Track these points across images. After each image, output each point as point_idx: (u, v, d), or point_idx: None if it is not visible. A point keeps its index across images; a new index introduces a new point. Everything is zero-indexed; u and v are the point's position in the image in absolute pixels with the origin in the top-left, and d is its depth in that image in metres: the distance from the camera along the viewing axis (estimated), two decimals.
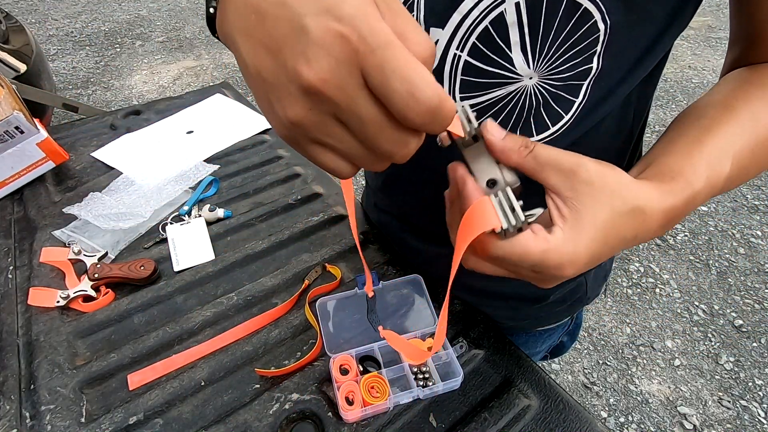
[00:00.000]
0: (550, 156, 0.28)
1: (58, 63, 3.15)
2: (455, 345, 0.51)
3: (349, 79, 0.21)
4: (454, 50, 0.41)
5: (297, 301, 0.56)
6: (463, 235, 0.28)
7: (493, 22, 0.38)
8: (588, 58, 0.39)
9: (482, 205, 0.27)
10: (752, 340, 1.59)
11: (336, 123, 0.23)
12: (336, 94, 0.22)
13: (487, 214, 0.27)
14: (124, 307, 0.56)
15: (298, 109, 0.23)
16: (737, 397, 1.44)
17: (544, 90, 0.41)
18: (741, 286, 1.76)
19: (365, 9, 0.21)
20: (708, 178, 0.32)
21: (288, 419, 0.45)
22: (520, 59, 0.40)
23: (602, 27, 0.37)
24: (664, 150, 0.35)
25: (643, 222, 0.29)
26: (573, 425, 0.44)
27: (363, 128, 0.23)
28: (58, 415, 0.45)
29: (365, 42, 0.21)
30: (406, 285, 0.55)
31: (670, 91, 2.89)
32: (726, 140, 0.34)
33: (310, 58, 0.21)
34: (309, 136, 0.25)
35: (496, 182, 0.29)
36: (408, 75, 0.21)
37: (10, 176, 0.72)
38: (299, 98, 0.23)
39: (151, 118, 0.91)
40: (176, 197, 0.72)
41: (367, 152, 0.24)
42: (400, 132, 0.23)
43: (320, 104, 0.23)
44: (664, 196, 0.30)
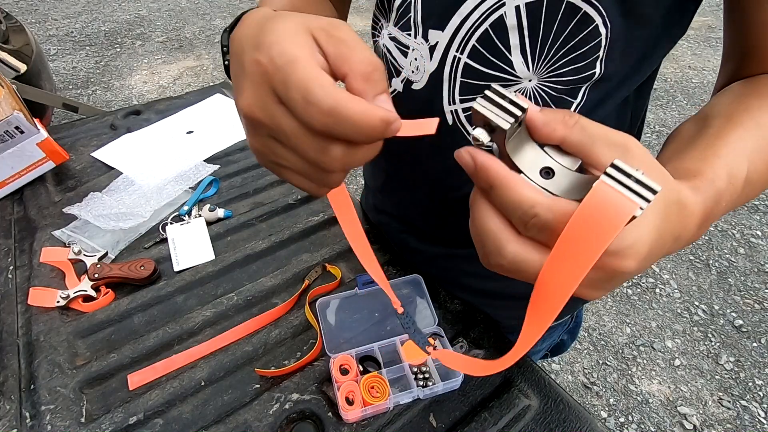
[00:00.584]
0: (599, 129, 0.24)
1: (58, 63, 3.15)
2: (455, 345, 0.51)
3: (266, 99, 0.24)
4: (454, 52, 0.41)
5: (297, 301, 0.56)
6: (582, 243, 0.21)
7: (493, 25, 0.39)
8: (591, 63, 0.39)
9: (601, 193, 0.21)
10: (752, 340, 1.59)
11: (276, 143, 0.26)
12: (260, 115, 0.25)
13: (614, 200, 0.20)
14: (124, 307, 0.56)
15: (251, 138, 0.28)
16: (737, 397, 1.44)
17: (544, 92, 0.41)
18: (741, 286, 1.76)
19: (283, 36, 0.24)
20: (729, 177, 0.30)
21: (288, 419, 0.45)
22: (520, 62, 0.40)
23: (603, 31, 0.37)
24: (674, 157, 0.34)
25: (686, 218, 0.27)
26: (573, 425, 0.44)
27: (289, 141, 0.25)
28: (58, 415, 0.45)
29: (273, 63, 0.24)
30: (406, 285, 0.55)
31: (670, 91, 2.89)
32: (737, 144, 0.32)
33: (243, 89, 0.25)
34: (269, 160, 0.28)
35: (552, 171, 0.24)
36: (303, 83, 0.23)
37: (10, 176, 0.72)
38: (248, 128, 0.27)
39: (151, 118, 0.91)
40: (176, 197, 0.72)
41: (309, 166, 0.26)
42: (317, 139, 0.24)
43: (258, 128, 0.26)
44: (696, 194, 0.28)
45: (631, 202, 0.20)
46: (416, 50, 0.44)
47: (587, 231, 0.21)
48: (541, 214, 0.22)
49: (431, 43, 0.42)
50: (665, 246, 0.25)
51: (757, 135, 0.33)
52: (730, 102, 0.37)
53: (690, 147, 0.33)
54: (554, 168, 0.24)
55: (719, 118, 0.35)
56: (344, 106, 0.23)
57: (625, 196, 0.20)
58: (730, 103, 0.37)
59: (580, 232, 0.21)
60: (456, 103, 0.44)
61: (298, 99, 0.23)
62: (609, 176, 0.21)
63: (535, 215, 0.22)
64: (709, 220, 0.29)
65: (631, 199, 0.20)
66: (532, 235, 0.23)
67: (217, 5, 4.06)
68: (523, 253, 0.23)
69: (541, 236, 0.23)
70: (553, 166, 0.24)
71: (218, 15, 3.89)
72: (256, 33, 0.26)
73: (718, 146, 0.32)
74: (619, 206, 0.20)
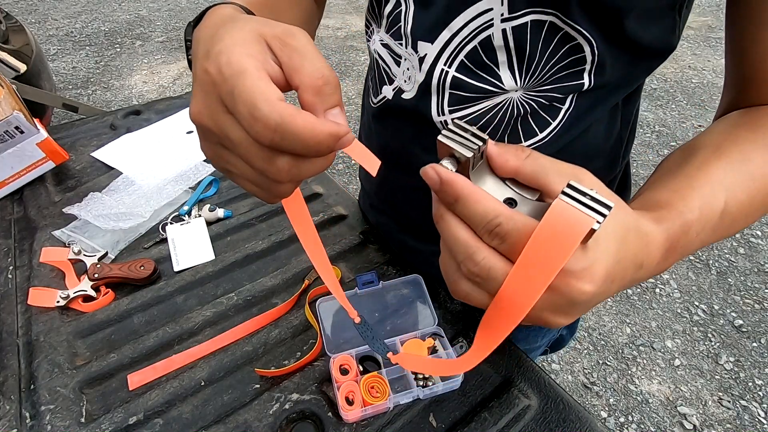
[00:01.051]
0: (550, 161, 0.26)
1: (58, 63, 3.15)
2: (455, 345, 0.51)
3: (214, 107, 0.25)
4: (442, 65, 0.41)
5: (297, 301, 0.56)
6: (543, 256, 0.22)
7: (481, 43, 0.39)
8: (578, 76, 0.39)
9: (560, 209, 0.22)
10: (752, 340, 1.59)
11: (226, 150, 0.27)
12: (209, 123, 0.25)
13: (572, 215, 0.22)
14: (124, 307, 0.56)
15: (202, 144, 0.28)
16: (737, 397, 1.44)
17: (531, 100, 0.41)
18: (741, 286, 1.76)
19: (232, 45, 0.24)
20: (701, 210, 0.30)
21: (288, 419, 0.45)
22: (508, 77, 0.40)
23: (589, 51, 0.37)
24: (650, 187, 0.34)
25: (647, 245, 0.27)
26: (573, 425, 0.44)
27: (237, 149, 0.25)
28: (58, 415, 0.45)
29: (220, 73, 0.24)
30: (406, 285, 0.55)
31: (670, 91, 2.89)
32: (717, 176, 0.33)
33: (194, 95, 0.26)
34: (221, 166, 0.28)
35: (513, 201, 0.26)
36: (249, 98, 0.23)
37: (10, 176, 0.72)
38: (199, 134, 0.28)
39: (151, 118, 0.91)
40: (176, 197, 0.72)
41: (258, 175, 0.26)
42: (264, 151, 0.25)
43: (208, 135, 0.27)
44: (658, 223, 0.28)
45: (587, 216, 0.22)
46: (408, 60, 0.44)
47: (548, 245, 0.22)
48: (504, 224, 0.23)
49: (420, 54, 0.42)
50: (626, 272, 0.26)
51: (742, 169, 0.33)
52: (721, 132, 0.37)
53: (667, 178, 0.34)
54: (516, 198, 0.26)
55: (706, 149, 0.35)
56: (290, 122, 0.23)
57: (581, 211, 0.22)
58: (720, 133, 0.37)
59: (542, 245, 0.22)
60: (445, 114, 0.44)
61: (244, 112, 0.23)
62: (566, 194, 0.22)
63: (499, 224, 0.23)
64: (677, 250, 0.30)
65: (588, 214, 0.22)
66: (495, 245, 0.24)
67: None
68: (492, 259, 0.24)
69: (504, 246, 0.24)
70: (515, 196, 0.26)
71: None
72: (208, 38, 0.26)
73: (695, 178, 0.33)
74: (576, 220, 0.22)
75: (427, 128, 0.45)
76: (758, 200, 0.34)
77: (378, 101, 0.51)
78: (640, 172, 2.26)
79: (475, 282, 0.25)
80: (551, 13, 0.36)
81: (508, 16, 0.37)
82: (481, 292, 0.25)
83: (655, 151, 2.40)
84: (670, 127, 2.57)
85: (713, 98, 2.80)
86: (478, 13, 0.37)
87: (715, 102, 2.76)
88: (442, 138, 0.25)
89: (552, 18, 0.36)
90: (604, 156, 0.49)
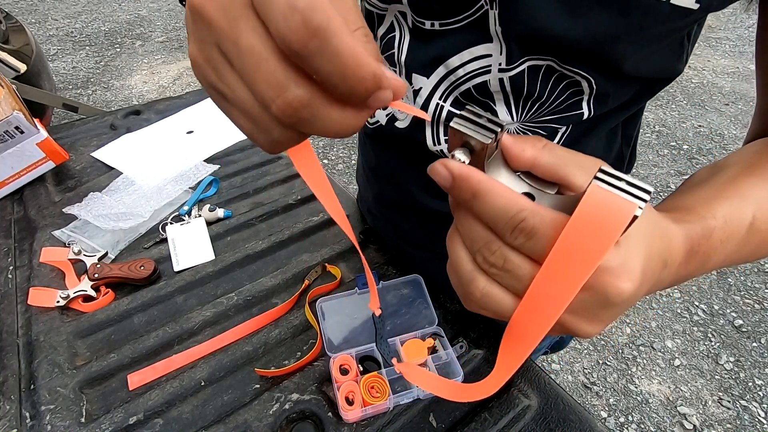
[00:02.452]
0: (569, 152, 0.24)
1: (58, 63, 3.15)
2: (455, 345, 0.51)
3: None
4: (437, 100, 0.41)
5: (297, 301, 0.56)
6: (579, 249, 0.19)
7: (476, 87, 0.38)
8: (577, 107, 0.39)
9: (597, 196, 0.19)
10: (752, 340, 1.59)
11: (224, 60, 0.20)
12: (216, 15, 0.19)
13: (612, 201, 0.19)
14: (124, 307, 0.56)
15: (191, 42, 0.21)
16: (737, 397, 1.44)
17: (528, 131, 0.41)
18: (741, 286, 1.76)
19: None
20: (725, 218, 0.29)
21: (288, 419, 0.45)
22: (505, 112, 0.39)
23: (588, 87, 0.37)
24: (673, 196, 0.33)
25: (671, 241, 0.25)
26: (573, 425, 0.44)
27: (242, 59, 0.19)
28: (58, 415, 0.45)
29: None
30: (406, 285, 0.55)
31: (669, 90, 2.89)
32: (746, 190, 0.31)
33: None
34: (209, 82, 0.21)
35: (532, 196, 0.23)
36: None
37: (10, 176, 0.72)
38: (191, 25, 0.20)
39: (151, 118, 0.91)
40: (176, 197, 0.72)
41: (257, 107, 0.20)
42: (280, 66, 0.18)
43: (204, 28, 0.19)
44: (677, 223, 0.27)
45: (629, 202, 0.19)
46: None
47: (585, 236, 0.19)
48: (529, 218, 0.21)
49: (415, 87, 0.41)
50: (656, 270, 0.24)
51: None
52: (753, 152, 0.36)
53: (692, 189, 0.32)
54: (533, 193, 0.23)
55: (737, 165, 0.34)
56: (336, 33, 0.17)
57: (621, 197, 0.19)
58: (752, 153, 0.35)
59: (577, 237, 0.19)
60: (441, 144, 0.43)
61: (279, 2, 0.17)
62: (600, 180, 0.20)
63: (523, 219, 0.21)
64: (698, 255, 0.27)
65: (628, 200, 0.19)
66: (519, 244, 0.21)
67: None
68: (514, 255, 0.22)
69: (529, 245, 0.21)
70: (532, 191, 0.23)
71: None
72: None
73: (722, 189, 0.31)
74: (617, 207, 0.19)
75: (422, 155, 0.45)
76: None
77: (372, 123, 0.50)
78: (640, 172, 2.27)
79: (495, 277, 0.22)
80: (547, 59, 0.35)
81: (505, 68, 0.36)
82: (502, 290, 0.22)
83: (655, 151, 2.40)
84: (670, 127, 2.57)
85: (713, 98, 2.80)
86: (476, 57, 0.37)
87: (715, 102, 2.76)
88: (456, 125, 0.22)
89: (548, 62, 0.35)
90: None
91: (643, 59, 0.35)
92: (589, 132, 0.42)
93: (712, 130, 2.53)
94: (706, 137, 2.49)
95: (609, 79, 0.36)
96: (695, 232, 0.27)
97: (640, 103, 0.42)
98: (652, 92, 0.41)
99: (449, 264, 0.25)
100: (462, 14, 0.36)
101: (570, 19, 0.31)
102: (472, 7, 0.35)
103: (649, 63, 0.36)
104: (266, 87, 0.18)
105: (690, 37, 0.37)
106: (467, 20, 0.36)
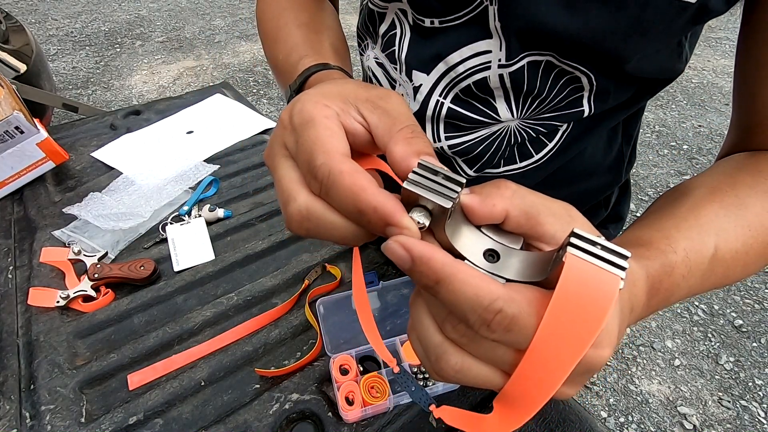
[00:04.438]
0: (538, 197, 0.22)
1: (58, 63, 3.15)
2: None
3: (276, 149, 0.24)
4: (437, 97, 0.41)
5: (297, 301, 0.56)
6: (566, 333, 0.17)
7: (476, 83, 0.38)
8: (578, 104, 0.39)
9: (577, 269, 0.17)
10: (752, 340, 1.59)
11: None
12: (268, 163, 0.26)
13: (595, 276, 0.17)
14: (124, 307, 0.56)
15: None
16: (737, 397, 1.44)
17: (528, 128, 0.41)
18: (741, 286, 1.76)
19: (312, 95, 0.24)
20: (686, 251, 0.28)
21: (288, 419, 0.45)
22: (505, 109, 0.40)
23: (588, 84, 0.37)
24: (636, 226, 0.32)
25: (634, 285, 0.24)
26: (573, 425, 0.44)
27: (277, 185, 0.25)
28: (58, 415, 0.45)
29: (291, 119, 0.23)
30: (406, 285, 0.55)
31: (669, 91, 2.89)
32: (708, 219, 0.30)
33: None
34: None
35: (496, 253, 0.21)
36: (309, 147, 0.22)
37: (10, 176, 0.72)
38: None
39: (151, 118, 0.91)
40: (176, 197, 0.72)
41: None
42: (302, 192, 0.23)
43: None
44: (637, 260, 0.26)
45: (612, 275, 0.17)
46: (402, 86, 0.43)
47: (571, 318, 0.17)
48: (506, 309, 0.18)
49: (415, 83, 0.41)
50: (625, 322, 0.22)
51: (738, 214, 0.31)
52: (719, 173, 0.35)
53: (654, 218, 0.32)
54: (498, 250, 0.21)
55: (700, 189, 0.33)
56: (336, 179, 0.20)
57: (604, 270, 0.17)
58: (718, 174, 0.35)
59: (563, 320, 0.17)
60: (441, 141, 0.43)
61: (301, 160, 0.22)
62: (576, 247, 0.17)
63: (499, 310, 0.18)
64: (660, 292, 0.26)
65: (611, 271, 0.17)
66: (497, 338, 0.18)
67: (217, 5, 4.06)
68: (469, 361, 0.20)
69: (509, 337, 0.18)
70: (496, 247, 0.21)
71: (218, 15, 3.89)
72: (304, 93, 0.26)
73: (683, 218, 0.30)
74: (601, 281, 0.17)
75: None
76: (755, 251, 0.31)
77: None
78: (640, 172, 2.27)
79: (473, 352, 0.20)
80: (547, 54, 0.35)
81: (505, 63, 0.36)
82: (482, 364, 0.20)
83: (655, 151, 2.40)
84: (670, 127, 2.57)
85: (713, 98, 2.80)
86: (476, 53, 0.37)
87: (715, 102, 2.76)
88: (410, 186, 0.19)
89: (548, 58, 0.35)
90: (604, 172, 0.49)
91: (643, 58, 0.35)
92: (590, 131, 0.42)
93: (712, 130, 2.53)
94: (706, 137, 2.49)
95: (609, 76, 0.36)
96: (655, 270, 0.26)
97: (640, 101, 0.42)
98: (653, 91, 0.41)
99: (411, 328, 0.22)
100: (462, 11, 0.36)
101: (568, 14, 0.32)
102: (471, 4, 0.35)
103: (649, 62, 0.36)
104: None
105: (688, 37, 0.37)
106: (467, 17, 0.36)
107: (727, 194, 0.32)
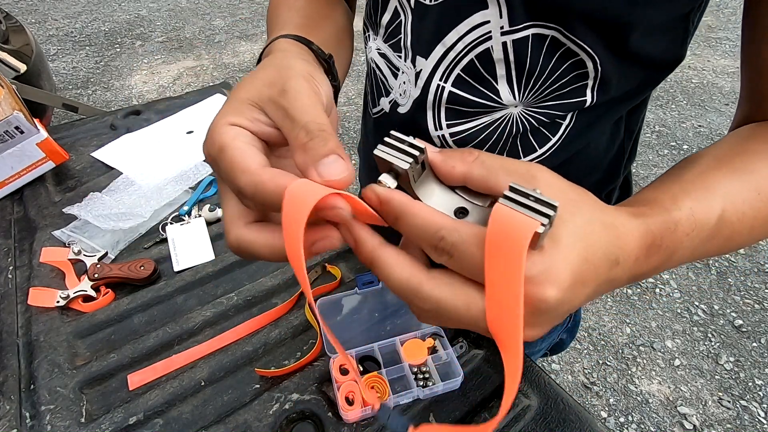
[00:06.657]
0: (500, 160, 0.24)
1: (58, 63, 3.15)
2: (455, 345, 0.51)
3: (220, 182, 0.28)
4: (438, 81, 0.41)
5: (297, 301, 0.56)
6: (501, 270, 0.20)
7: (478, 56, 0.38)
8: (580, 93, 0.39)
9: (500, 215, 0.20)
10: (752, 340, 1.59)
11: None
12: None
13: (512, 220, 0.20)
14: (124, 307, 0.56)
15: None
16: (737, 397, 1.44)
17: (531, 117, 0.41)
18: (741, 286, 1.76)
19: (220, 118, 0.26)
20: (692, 210, 0.28)
21: (288, 419, 0.45)
22: (506, 91, 0.39)
23: (593, 67, 0.37)
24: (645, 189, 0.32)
25: (618, 238, 0.24)
26: (573, 425, 0.44)
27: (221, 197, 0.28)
28: (58, 415, 0.45)
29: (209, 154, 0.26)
30: None
31: (670, 91, 2.89)
32: (715, 183, 0.30)
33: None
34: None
35: (465, 210, 0.24)
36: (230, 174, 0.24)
37: (10, 176, 0.72)
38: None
39: (151, 118, 0.91)
40: (176, 197, 0.72)
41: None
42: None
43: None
44: (635, 217, 0.26)
45: (529, 219, 0.20)
46: (405, 74, 0.44)
47: (500, 253, 0.20)
48: (447, 237, 0.21)
49: (417, 69, 0.41)
50: (599, 271, 0.23)
51: (746, 179, 0.31)
52: (729, 143, 0.35)
53: (661, 181, 0.32)
54: (467, 207, 0.24)
55: (708, 157, 0.33)
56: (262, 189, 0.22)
57: (522, 214, 0.20)
58: (727, 144, 0.35)
59: (495, 254, 0.20)
60: (443, 128, 0.43)
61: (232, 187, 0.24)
62: (507, 198, 0.20)
63: (442, 238, 0.22)
64: (661, 248, 0.27)
65: (530, 217, 0.20)
66: (444, 261, 0.22)
67: (217, 5, 4.06)
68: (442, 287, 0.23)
69: (453, 262, 0.22)
70: (466, 205, 0.24)
71: (218, 15, 3.89)
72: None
73: (691, 182, 0.30)
74: (518, 225, 0.20)
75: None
76: (763, 215, 0.31)
77: (376, 113, 0.50)
78: (640, 172, 2.27)
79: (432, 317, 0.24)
80: (553, 28, 0.35)
81: (508, 29, 0.36)
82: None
83: (655, 151, 2.40)
84: (670, 127, 2.57)
85: (713, 98, 2.80)
86: (472, 27, 0.37)
87: (715, 102, 2.76)
88: (378, 152, 0.24)
89: (554, 33, 0.35)
90: (605, 168, 0.49)
91: (647, 37, 0.35)
92: (593, 124, 0.42)
93: (712, 130, 2.53)
94: (706, 137, 2.49)
95: (614, 58, 0.36)
96: (656, 226, 0.26)
97: (643, 92, 0.42)
98: (655, 81, 0.41)
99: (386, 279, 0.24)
100: None
101: None
102: None
103: (653, 43, 0.36)
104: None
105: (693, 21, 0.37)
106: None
107: (736, 160, 0.32)
